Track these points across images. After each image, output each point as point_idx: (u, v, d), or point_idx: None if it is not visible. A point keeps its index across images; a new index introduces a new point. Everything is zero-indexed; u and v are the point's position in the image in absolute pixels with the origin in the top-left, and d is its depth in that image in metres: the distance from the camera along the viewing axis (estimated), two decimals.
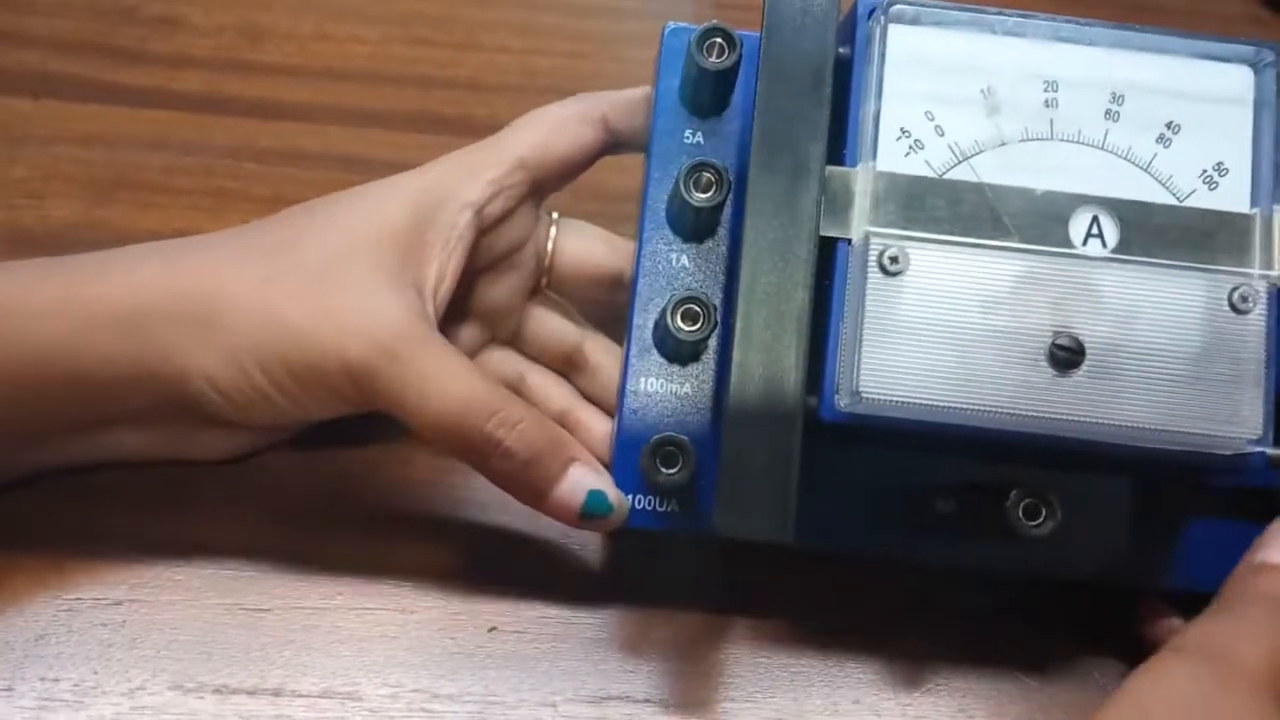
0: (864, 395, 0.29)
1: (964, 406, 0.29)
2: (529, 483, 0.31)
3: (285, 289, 0.30)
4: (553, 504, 0.31)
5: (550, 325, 0.36)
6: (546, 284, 0.36)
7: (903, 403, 0.29)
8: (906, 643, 0.34)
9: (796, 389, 0.29)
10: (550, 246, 0.36)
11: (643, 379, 0.32)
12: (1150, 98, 0.31)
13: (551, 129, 0.34)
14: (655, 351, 0.32)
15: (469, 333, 0.35)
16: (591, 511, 0.31)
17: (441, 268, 0.32)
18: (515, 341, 0.36)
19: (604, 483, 0.31)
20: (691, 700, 0.33)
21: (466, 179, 0.32)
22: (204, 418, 0.31)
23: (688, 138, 0.33)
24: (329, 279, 0.30)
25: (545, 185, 0.34)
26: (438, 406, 0.30)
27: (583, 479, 0.31)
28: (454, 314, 0.34)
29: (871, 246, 0.29)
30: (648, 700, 0.33)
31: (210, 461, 0.34)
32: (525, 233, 0.35)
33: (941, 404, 0.29)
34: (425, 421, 0.30)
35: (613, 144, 0.34)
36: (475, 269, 0.34)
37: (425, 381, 0.30)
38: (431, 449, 0.31)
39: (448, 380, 0.30)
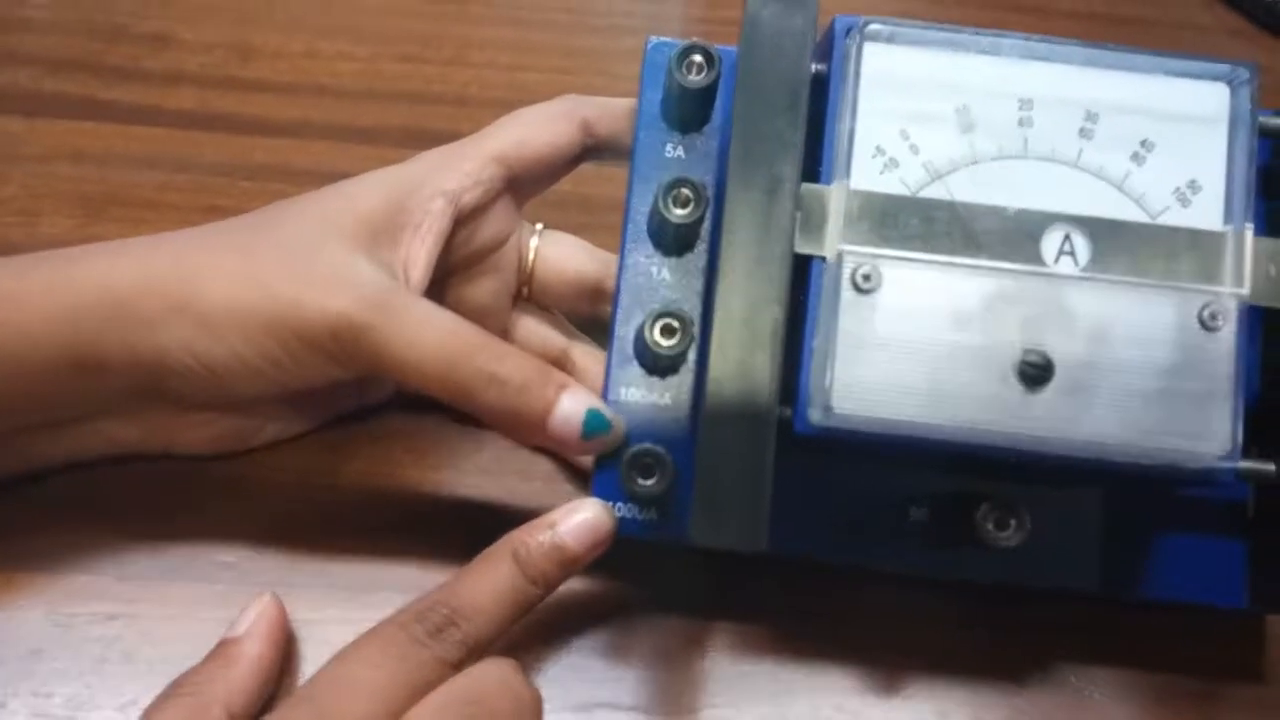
0: (836, 410, 0.29)
1: (935, 422, 0.29)
2: (526, 411, 0.31)
3: (263, 259, 0.31)
4: (554, 429, 0.31)
5: (536, 331, 0.37)
6: (528, 294, 0.37)
7: (874, 418, 0.29)
8: (887, 650, 0.34)
9: (770, 403, 0.29)
10: (532, 254, 0.36)
11: (623, 389, 0.33)
12: (1124, 116, 0.31)
13: (530, 126, 0.34)
14: (636, 363, 0.33)
15: None
16: (593, 430, 0.31)
17: (413, 252, 0.33)
18: None
19: (598, 403, 0.31)
20: (676, 708, 0.33)
21: (442, 169, 0.33)
22: (189, 400, 0.32)
23: (669, 152, 0.34)
24: (306, 251, 0.31)
25: (523, 181, 0.35)
26: (429, 346, 0.30)
27: (578, 400, 0.31)
28: None
29: (845, 264, 0.30)
30: (633, 708, 0.33)
31: (199, 456, 0.35)
32: (504, 230, 0.35)
33: (913, 419, 0.29)
34: (415, 364, 0.30)
35: (593, 148, 0.35)
36: (455, 264, 0.35)
37: (412, 326, 0.30)
38: (423, 396, 0.31)
39: (433, 323, 0.31)
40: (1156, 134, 0.31)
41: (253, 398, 0.33)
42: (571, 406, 0.31)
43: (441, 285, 0.35)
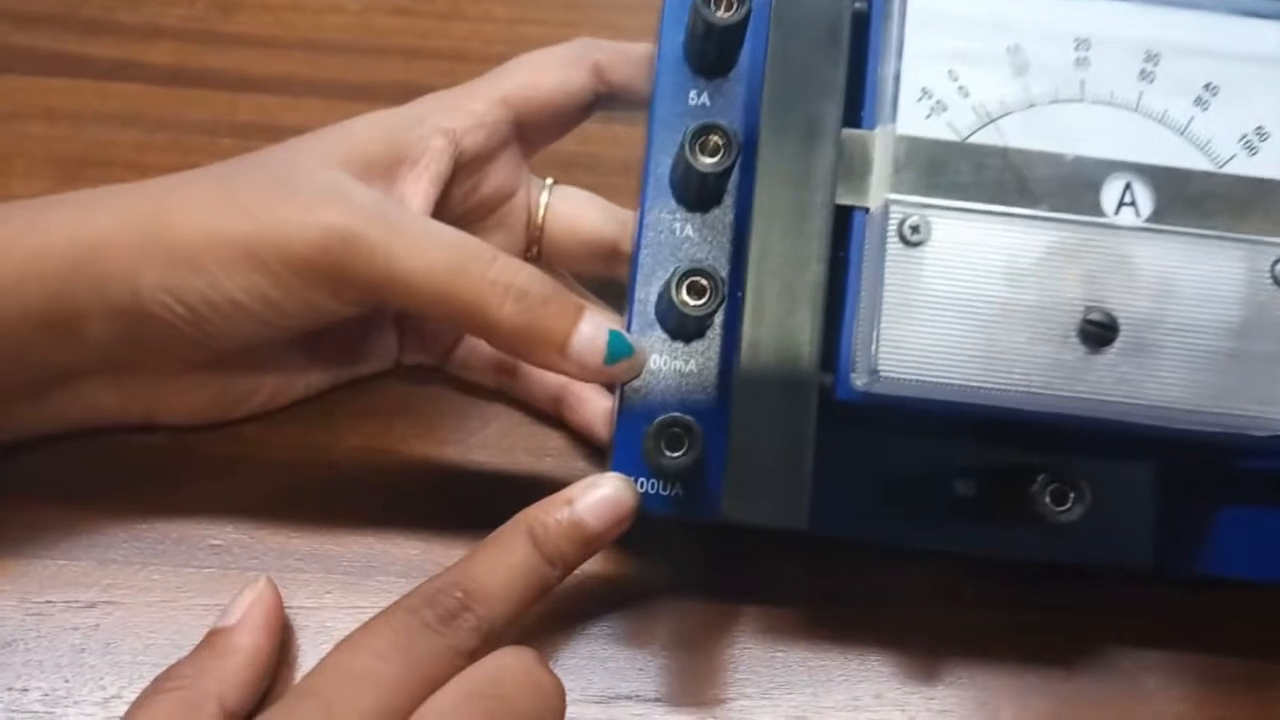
0: (883, 374, 0.27)
1: (990, 386, 0.27)
2: (547, 329, 0.28)
3: (244, 184, 0.29)
4: (577, 350, 0.28)
5: None
6: (538, 253, 0.35)
7: (924, 382, 0.27)
8: (928, 634, 0.33)
9: (811, 367, 0.27)
10: (543, 210, 0.34)
11: None
12: (1187, 57, 0.29)
13: (540, 69, 0.33)
14: (658, 327, 0.31)
15: None
16: (617, 353, 0.29)
17: (409, 189, 0.31)
18: None
19: (618, 323, 0.29)
20: (704, 698, 0.31)
21: (445, 108, 0.32)
22: (172, 352, 0.30)
23: (693, 99, 0.32)
24: (292, 174, 0.29)
25: (531, 129, 0.33)
26: (437, 254, 0.28)
27: (600, 320, 0.29)
28: None
29: (891, 215, 0.28)
30: (658, 699, 0.31)
31: (184, 425, 0.33)
32: (510, 182, 0.33)
33: (965, 383, 0.27)
34: (422, 275, 0.28)
35: (606, 95, 0.33)
36: (459, 217, 0.33)
37: (414, 235, 0.28)
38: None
39: (438, 232, 0.29)
40: (1221, 76, 0.29)
41: (240, 345, 0.30)
42: (594, 327, 0.28)
43: None
